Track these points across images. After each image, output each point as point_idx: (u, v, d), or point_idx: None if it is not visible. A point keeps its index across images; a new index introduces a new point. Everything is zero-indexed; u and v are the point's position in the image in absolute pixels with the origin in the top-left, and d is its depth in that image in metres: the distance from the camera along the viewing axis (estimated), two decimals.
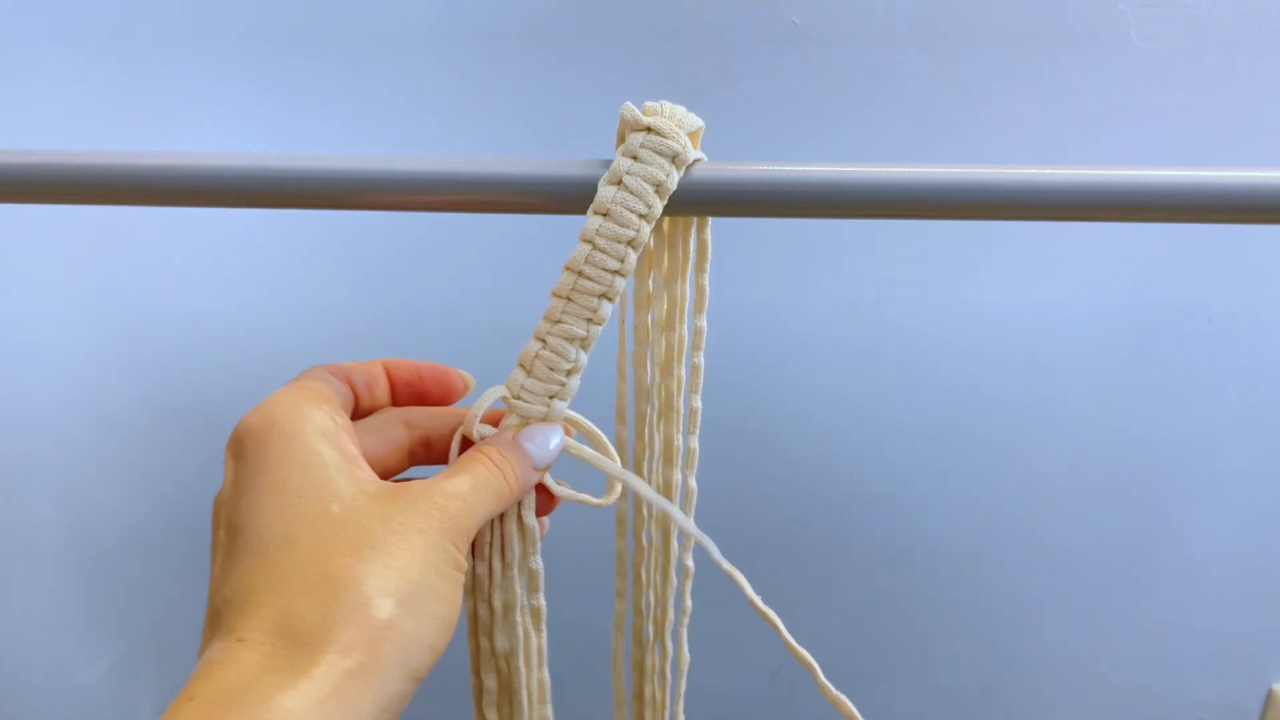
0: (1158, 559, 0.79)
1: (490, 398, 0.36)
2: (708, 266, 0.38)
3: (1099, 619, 0.81)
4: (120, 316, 0.71)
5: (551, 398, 0.35)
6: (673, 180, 0.33)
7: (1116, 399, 0.74)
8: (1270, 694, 0.84)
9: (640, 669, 0.44)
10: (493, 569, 0.37)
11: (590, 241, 0.34)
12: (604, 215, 0.33)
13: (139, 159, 0.34)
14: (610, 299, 0.34)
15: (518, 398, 0.36)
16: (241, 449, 0.31)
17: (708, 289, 0.38)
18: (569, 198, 0.35)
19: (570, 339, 0.35)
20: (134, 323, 0.71)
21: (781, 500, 0.77)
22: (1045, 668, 0.84)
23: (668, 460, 0.40)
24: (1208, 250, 0.70)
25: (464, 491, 0.31)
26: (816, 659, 0.37)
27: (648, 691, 0.43)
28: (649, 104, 0.34)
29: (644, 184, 0.33)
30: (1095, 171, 0.34)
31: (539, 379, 0.35)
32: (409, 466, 0.37)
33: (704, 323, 0.39)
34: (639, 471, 0.41)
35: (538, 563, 0.38)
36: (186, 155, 0.34)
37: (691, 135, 0.34)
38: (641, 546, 0.41)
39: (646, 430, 0.40)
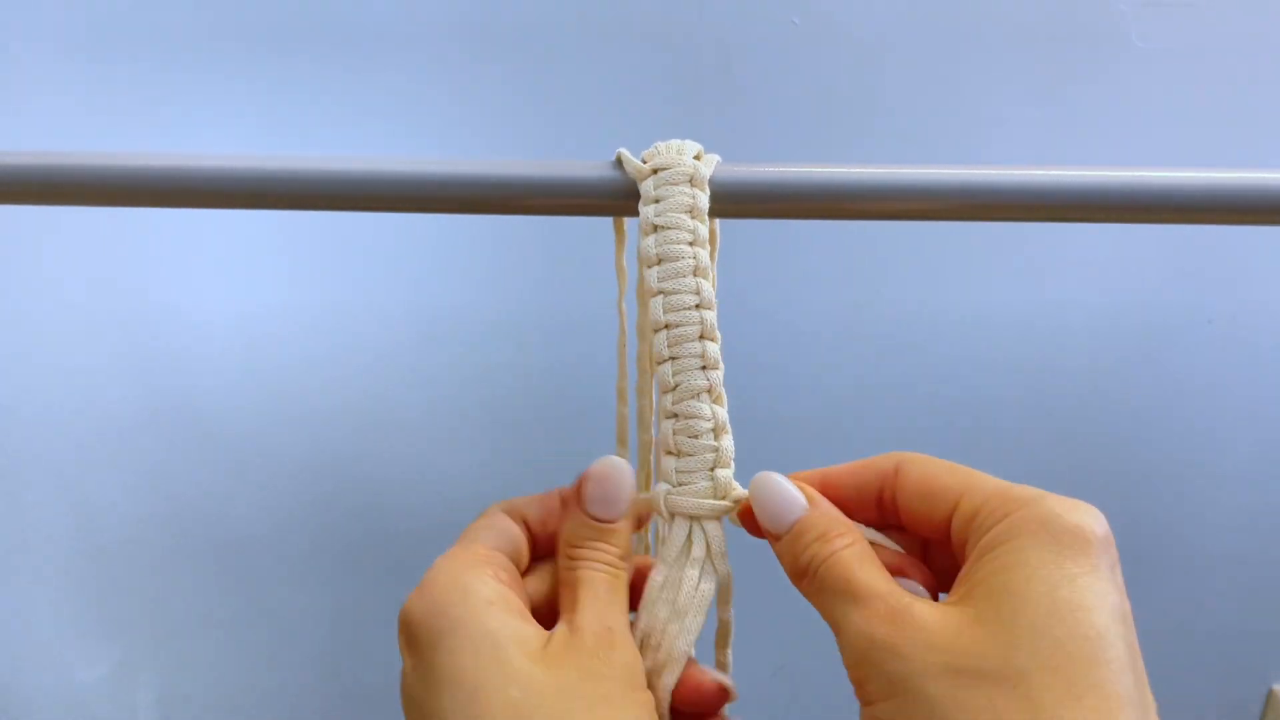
0: (1157, 559, 0.79)
1: (652, 499, 0.34)
2: (716, 255, 0.37)
3: None
4: (120, 316, 0.71)
5: (713, 469, 0.33)
6: (700, 200, 0.33)
7: (1116, 399, 0.74)
8: (1270, 694, 0.84)
9: None
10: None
11: (660, 292, 0.33)
12: (657, 263, 0.33)
13: (139, 160, 0.34)
14: (711, 338, 0.33)
15: (680, 485, 0.33)
16: (413, 640, 0.30)
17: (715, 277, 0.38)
18: (573, 199, 0.35)
19: (695, 394, 0.33)
20: (134, 322, 0.71)
21: None
22: None
23: None
24: (1208, 250, 0.70)
25: (608, 617, 0.30)
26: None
27: None
28: (645, 152, 0.34)
29: (677, 215, 0.33)
30: (1095, 172, 0.34)
31: (689, 454, 0.33)
32: None
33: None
34: (646, 467, 0.40)
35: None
36: (187, 156, 0.34)
37: (697, 157, 0.34)
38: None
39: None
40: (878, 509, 0.33)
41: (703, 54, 0.64)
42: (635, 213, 0.34)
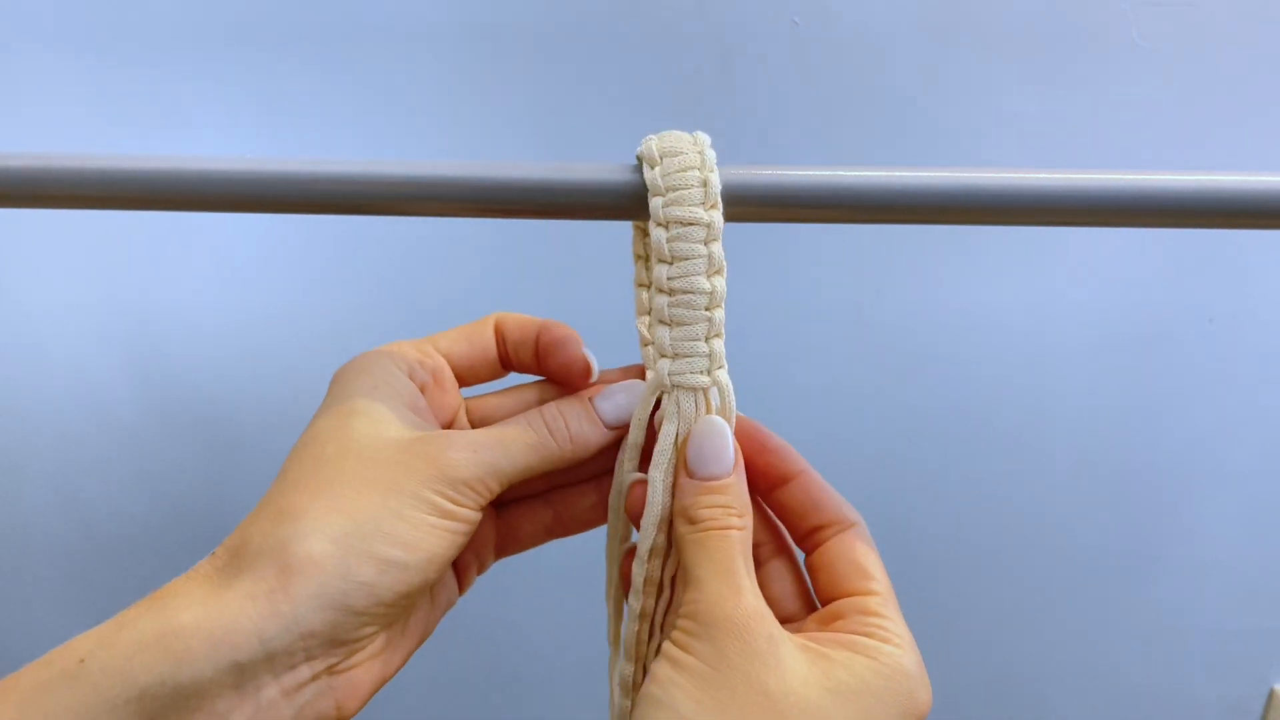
0: (1159, 559, 0.79)
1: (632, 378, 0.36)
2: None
3: (1100, 618, 0.81)
4: (120, 316, 0.71)
5: (710, 339, 0.36)
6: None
7: (1118, 399, 0.74)
8: (1271, 694, 0.84)
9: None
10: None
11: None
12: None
13: (139, 162, 0.33)
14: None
15: (669, 356, 0.34)
16: (330, 386, 0.34)
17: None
18: (577, 201, 0.34)
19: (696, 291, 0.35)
20: (134, 322, 0.71)
21: None
22: (1047, 667, 0.84)
23: None
24: (1208, 250, 0.69)
25: (478, 442, 0.31)
26: None
27: None
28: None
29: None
30: (1097, 175, 0.34)
31: (682, 324, 0.35)
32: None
33: None
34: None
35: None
36: (187, 159, 0.34)
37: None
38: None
39: None
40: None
41: (703, 54, 0.64)
42: (645, 216, 0.34)
